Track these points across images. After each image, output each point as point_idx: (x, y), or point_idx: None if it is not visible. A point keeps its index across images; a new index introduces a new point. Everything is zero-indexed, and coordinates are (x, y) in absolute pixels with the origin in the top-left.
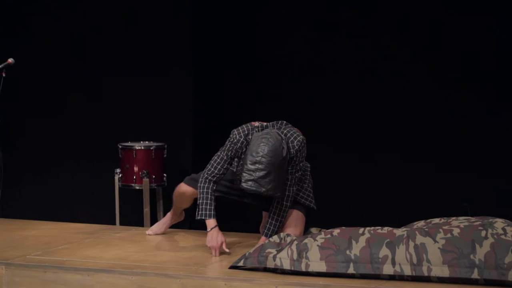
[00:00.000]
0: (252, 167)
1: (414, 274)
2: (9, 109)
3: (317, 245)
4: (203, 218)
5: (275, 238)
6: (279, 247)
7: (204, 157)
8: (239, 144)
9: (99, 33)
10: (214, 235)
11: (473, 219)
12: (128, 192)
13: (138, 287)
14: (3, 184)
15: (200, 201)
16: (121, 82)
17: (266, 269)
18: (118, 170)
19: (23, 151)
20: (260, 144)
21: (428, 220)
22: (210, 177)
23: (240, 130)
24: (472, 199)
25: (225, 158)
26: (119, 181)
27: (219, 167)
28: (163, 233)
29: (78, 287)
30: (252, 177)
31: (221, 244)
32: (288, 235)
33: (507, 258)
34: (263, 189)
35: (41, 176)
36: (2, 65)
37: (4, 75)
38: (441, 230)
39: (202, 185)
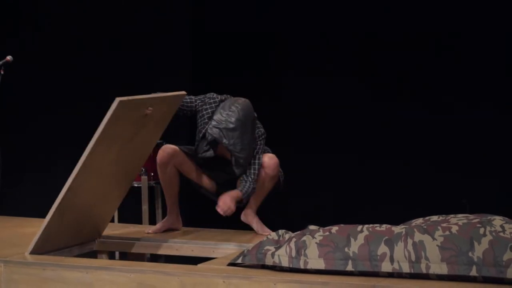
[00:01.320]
0: (223, 118)
1: (412, 272)
2: (8, 108)
3: (316, 243)
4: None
5: (273, 235)
6: (278, 245)
7: None
8: (211, 101)
9: (99, 32)
10: None
11: (471, 216)
12: None
13: (137, 284)
14: (2, 184)
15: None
16: (121, 80)
17: (264, 267)
18: None
19: (23, 151)
20: (234, 103)
21: (427, 218)
22: None
23: (218, 95)
24: (471, 197)
25: (194, 99)
26: None
27: (187, 101)
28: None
29: (77, 285)
30: (219, 126)
31: None
32: (286, 232)
33: (506, 256)
34: (225, 141)
35: (41, 176)
36: (1, 62)
37: (2, 72)
38: (439, 227)
39: None
